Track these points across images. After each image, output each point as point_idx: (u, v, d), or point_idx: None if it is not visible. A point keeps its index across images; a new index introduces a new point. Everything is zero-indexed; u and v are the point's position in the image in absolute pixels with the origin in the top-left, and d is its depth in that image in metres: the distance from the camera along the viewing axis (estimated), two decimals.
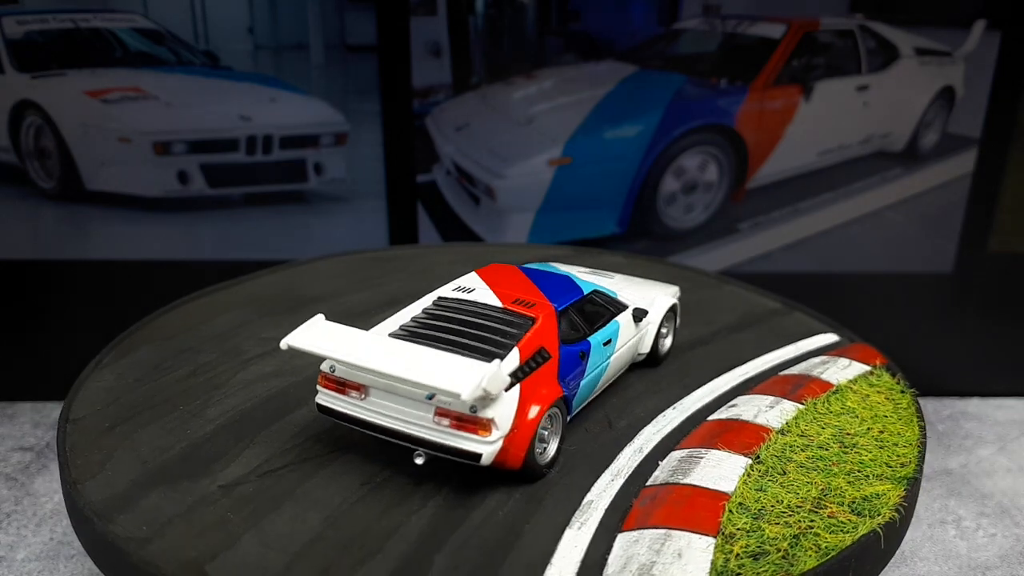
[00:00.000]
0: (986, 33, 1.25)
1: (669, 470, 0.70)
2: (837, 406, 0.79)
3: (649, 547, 0.63)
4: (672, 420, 0.77)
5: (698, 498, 0.67)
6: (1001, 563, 1.07)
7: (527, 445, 0.67)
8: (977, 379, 1.41)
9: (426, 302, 0.77)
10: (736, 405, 0.79)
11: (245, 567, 0.63)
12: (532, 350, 0.69)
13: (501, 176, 1.30)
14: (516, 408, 0.66)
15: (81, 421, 0.78)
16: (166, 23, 1.24)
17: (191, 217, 1.30)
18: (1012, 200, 1.32)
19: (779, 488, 0.68)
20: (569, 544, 0.63)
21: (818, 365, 0.85)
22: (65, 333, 1.33)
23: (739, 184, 1.32)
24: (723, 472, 0.70)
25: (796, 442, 0.74)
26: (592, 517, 0.66)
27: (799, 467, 0.71)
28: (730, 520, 0.65)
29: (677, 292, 0.90)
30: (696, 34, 1.27)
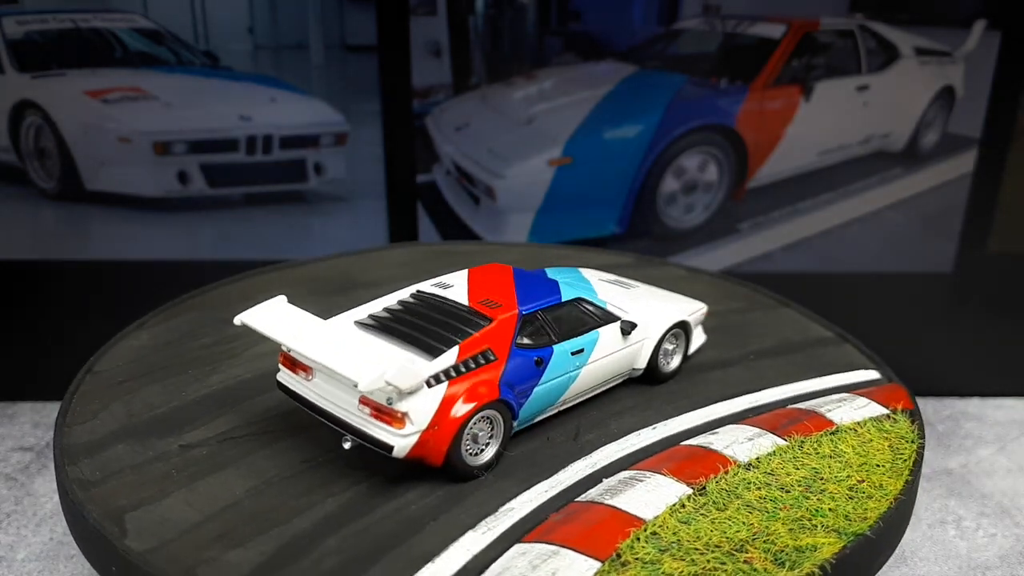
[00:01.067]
0: (986, 33, 1.25)
1: (604, 489, 0.69)
2: (827, 448, 0.75)
3: (531, 562, 0.62)
4: (644, 440, 0.75)
5: (611, 521, 0.65)
6: (1001, 563, 1.07)
7: (448, 443, 0.67)
8: (977, 379, 1.41)
9: (404, 294, 0.79)
10: (717, 433, 0.77)
11: (157, 520, 0.67)
12: (474, 350, 0.70)
13: (501, 176, 1.30)
14: (438, 405, 0.67)
15: (101, 374, 0.85)
16: (166, 23, 1.24)
17: (191, 217, 1.30)
18: (1012, 200, 1.32)
19: (708, 524, 0.65)
20: (462, 546, 0.64)
21: (832, 402, 0.82)
22: (65, 333, 1.33)
23: (739, 184, 1.32)
24: (654, 498, 0.68)
25: (756, 479, 0.71)
26: (502, 524, 0.66)
27: (744, 506, 0.68)
28: (631, 548, 0.63)
29: (696, 310, 0.87)
30: (696, 34, 1.27)
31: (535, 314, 0.75)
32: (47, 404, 1.35)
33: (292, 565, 0.63)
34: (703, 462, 0.72)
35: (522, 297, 0.76)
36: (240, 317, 0.75)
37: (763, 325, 0.98)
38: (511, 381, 0.71)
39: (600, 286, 0.87)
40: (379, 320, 0.75)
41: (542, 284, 0.80)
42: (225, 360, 0.87)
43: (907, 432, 0.79)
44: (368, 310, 0.77)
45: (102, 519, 0.67)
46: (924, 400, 1.40)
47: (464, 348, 0.70)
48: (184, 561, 0.63)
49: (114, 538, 0.65)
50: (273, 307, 0.75)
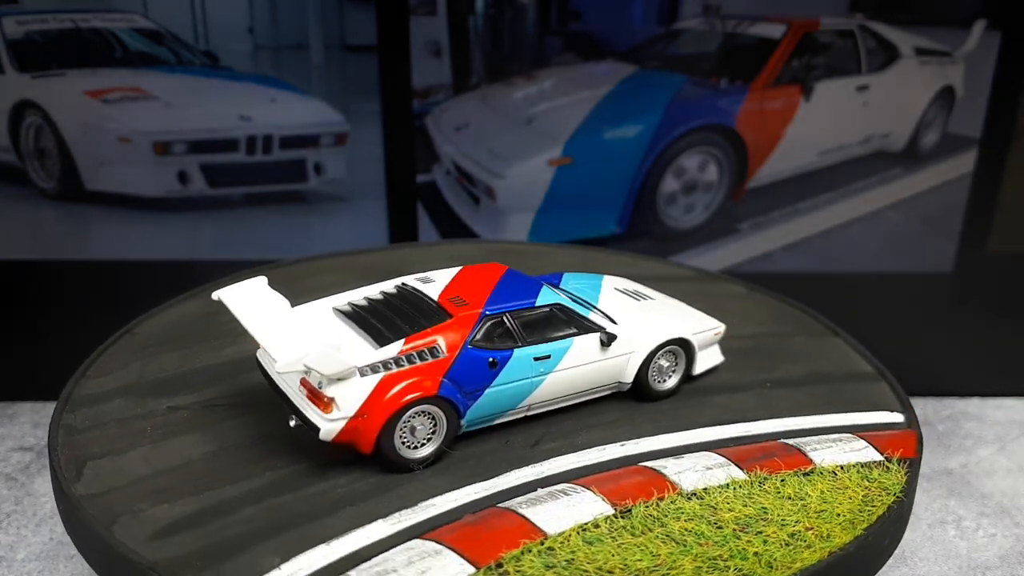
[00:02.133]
0: (986, 33, 1.25)
1: (528, 499, 0.69)
2: (791, 489, 0.71)
3: (410, 558, 0.63)
4: (604, 456, 0.74)
5: (510, 530, 0.65)
6: (1001, 563, 1.07)
7: (378, 433, 0.68)
8: (977, 379, 1.41)
9: (388, 285, 0.80)
10: (681, 458, 0.74)
11: (112, 471, 0.73)
12: (420, 345, 0.70)
13: (501, 176, 1.30)
14: (369, 394, 0.68)
15: (136, 337, 0.91)
16: (166, 23, 1.24)
17: (191, 217, 1.30)
18: (1012, 200, 1.32)
19: (613, 548, 0.64)
20: (363, 534, 0.65)
21: (825, 441, 0.78)
22: (65, 333, 1.33)
23: (739, 184, 1.32)
24: (570, 514, 0.67)
25: (691, 510, 0.68)
26: (414, 518, 0.67)
27: (663, 535, 0.66)
28: (517, 559, 0.62)
29: (706, 329, 0.85)
30: (696, 34, 1.27)
31: (501, 316, 0.74)
32: (47, 404, 1.35)
33: (201, 527, 0.67)
34: (643, 485, 0.70)
35: (495, 298, 0.76)
36: (217, 293, 0.77)
37: (801, 352, 0.93)
38: (458, 379, 0.71)
39: (608, 295, 0.86)
40: (354, 307, 0.77)
41: (524, 287, 0.79)
42: (244, 334, 0.87)
43: (893, 483, 0.74)
44: (349, 297, 0.79)
45: (67, 463, 0.73)
46: (924, 400, 1.40)
47: (409, 341, 0.71)
48: (114, 510, 0.69)
49: (66, 482, 0.71)
50: (251, 287, 0.78)
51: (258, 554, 0.64)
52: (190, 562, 0.64)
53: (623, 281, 0.93)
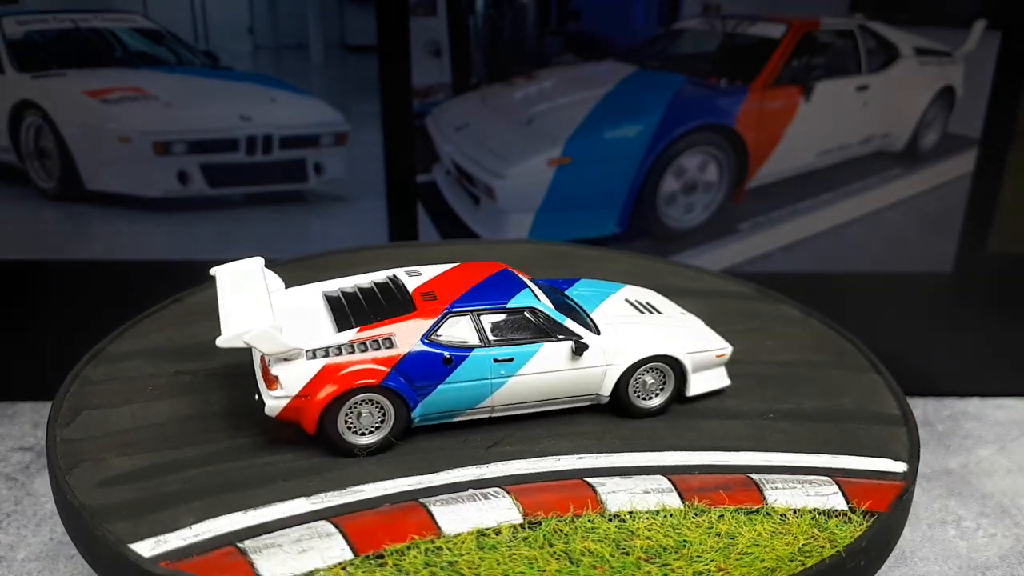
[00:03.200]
0: (986, 33, 1.25)
1: (449, 497, 0.70)
2: (725, 526, 0.68)
3: (302, 536, 0.66)
4: (554, 466, 0.74)
5: (410, 525, 0.66)
6: (1001, 563, 1.07)
7: (319, 414, 0.71)
8: (977, 379, 1.41)
9: (380, 275, 0.82)
10: (628, 478, 0.72)
11: (99, 422, 0.79)
12: (375, 335, 0.72)
13: (501, 176, 1.30)
14: (313, 377, 0.70)
15: (183, 305, 0.96)
16: (166, 23, 1.24)
17: (191, 217, 1.30)
18: (1012, 200, 1.32)
19: (502, 556, 0.64)
20: (281, 508, 0.69)
21: (793, 481, 0.74)
22: (65, 333, 1.33)
23: (739, 184, 1.32)
24: (476, 517, 0.68)
25: (605, 531, 0.67)
26: (333, 500, 0.69)
27: (560, 552, 0.65)
28: (400, 553, 0.64)
29: (706, 349, 0.81)
30: (696, 34, 1.27)
31: (467, 313, 0.74)
32: (47, 404, 1.35)
33: (144, 481, 0.73)
34: (567, 499, 0.69)
35: (468, 296, 0.76)
36: (214, 270, 0.82)
37: (829, 386, 0.88)
38: (408, 372, 0.72)
39: (613, 305, 0.84)
40: (341, 293, 0.80)
41: (504, 288, 0.78)
42: None
43: (844, 536, 0.69)
44: (340, 283, 0.82)
45: (66, 411, 0.80)
46: (924, 400, 1.40)
47: (364, 331, 0.73)
48: (81, 456, 0.75)
49: (55, 426, 0.78)
50: (247, 266, 0.82)
51: (179, 512, 0.69)
52: (117, 510, 0.70)
53: (643, 292, 0.91)
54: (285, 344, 0.70)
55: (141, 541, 0.67)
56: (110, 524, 0.69)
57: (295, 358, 0.71)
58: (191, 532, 0.67)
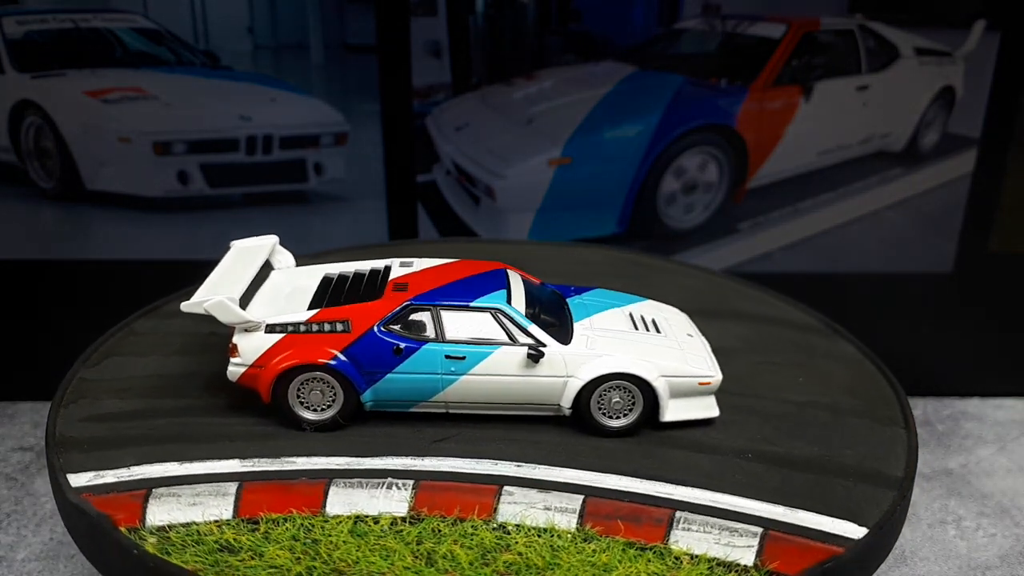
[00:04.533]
0: (986, 33, 1.25)
1: (358, 481, 0.72)
2: (606, 558, 0.65)
3: (203, 493, 0.71)
4: (488, 470, 0.73)
5: (299, 499, 0.70)
6: (1001, 563, 1.07)
7: (270, 385, 0.75)
8: (977, 379, 1.41)
9: (379, 263, 0.85)
10: (545, 492, 0.71)
11: (117, 366, 0.87)
12: (330, 317, 0.75)
13: (501, 176, 1.30)
14: (267, 350, 0.75)
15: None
16: (166, 23, 1.24)
17: (191, 217, 1.30)
18: (1012, 200, 1.32)
19: (365, 544, 0.66)
20: (213, 465, 0.74)
21: (716, 527, 0.69)
22: (65, 333, 1.33)
23: (739, 184, 1.32)
24: (366, 504, 0.69)
25: (481, 539, 0.66)
26: (261, 467, 0.74)
27: (425, 551, 0.65)
28: (276, 524, 0.67)
29: (685, 374, 0.77)
30: (696, 34, 1.27)
31: (428, 308, 0.75)
32: (47, 404, 1.35)
33: (116, 422, 0.79)
34: (462, 501, 0.69)
35: (437, 291, 0.77)
36: (233, 243, 0.88)
37: (839, 435, 0.81)
38: (358, 357, 0.74)
39: (610, 318, 0.82)
40: (337, 276, 0.84)
41: (480, 288, 0.78)
42: None
43: None
44: (343, 268, 0.86)
45: (97, 355, 0.89)
46: (924, 400, 1.40)
47: (322, 313, 0.76)
48: (84, 393, 0.83)
49: (81, 365, 0.88)
50: (259, 242, 0.88)
51: (127, 453, 0.75)
52: (80, 443, 0.77)
53: (658, 309, 0.87)
54: (240, 315, 0.75)
55: (81, 473, 0.73)
56: (67, 454, 0.76)
57: (255, 330, 0.76)
58: (127, 472, 0.73)
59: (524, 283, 0.84)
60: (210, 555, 0.65)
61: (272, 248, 0.88)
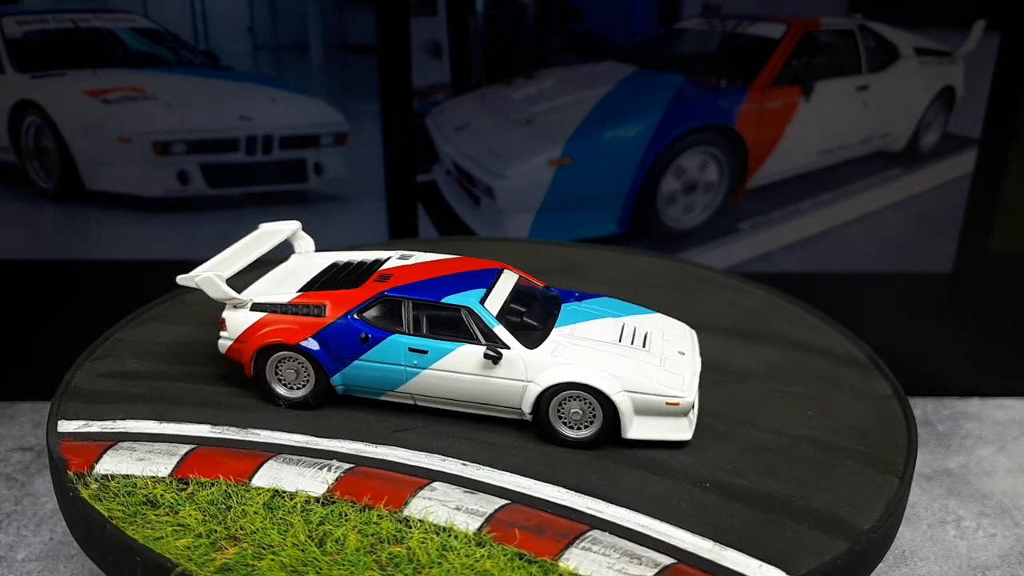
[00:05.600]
0: (986, 33, 1.25)
1: (300, 459, 0.74)
2: (489, 564, 0.64)
3: (158, 452, 0.75)
4: (435, 465, 0.74)
5: (233, 468, 0.73)
6: (1001, 563, 1.07)
7: (250, 359, 0.80)
8: (977, 379, 1.41)
9: (383, 253, 0.89)
10: (473, 493, 0.71)
11: (152, 331, 0.94)
12: (308, 301, 0.79)
13: (501, 176, 1.30)
14: (249, 327, 0.80)
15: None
16: (166, 23, 1.24)
17: (191, 217, 1.30)
18: (1012, 200, 1.32)
19: (270, 517, 0.68)
20: (186, 428, 0.79)
21: (620, 550, 0.66)
22: (65, 333, 1.33)
23: (739, 184, 1.32)
24: (289, 480, 0.72)
25: (379, 529, 0.67)
26: (226, 434, 0.78)
27: (324, 531, 0.67)
28: (203, 486, 0.72)
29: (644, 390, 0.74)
30: (696, 34, 1.27)
31: (401, 300, 0.77)
32: (47, 404, 1.35)
33: (126, 379, 0.86)
34: (378, 490, 0.71)
35: (416, 286, 0.79)
36: (261, 225, 0.93)
37: (821, 475, 0.76)
38: (328, 341, 0.78)
39: (602, 327, 0.80)
40: (344, 263, 0.87)
41: (459, 285, 0.79)
42: None
43: None
44: (350, 256, 0.89)
45: (139, 320, 0.97)
46: (924, 400, 1.40)
47: (302, 296, 0.80)
48: (113, 352, 0.91)
49: (121, 327, 0.96)
50: (281, 226, 0.93)
51: (119, 408, 0.81)
52: (86, 395, 0.83)
53: (661, 323, 0.84)
54: (225, 292, 0.80)
55: (74, 420, 0.80)
56: (68, 403, 0.82)
57: (242, 307, 0.81)
58: (110, 424, 0.79)
59: (517, 285, 0.83)
60: (133, 507, 0.70)
61: (294, 233, 0.93)
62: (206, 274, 0.80)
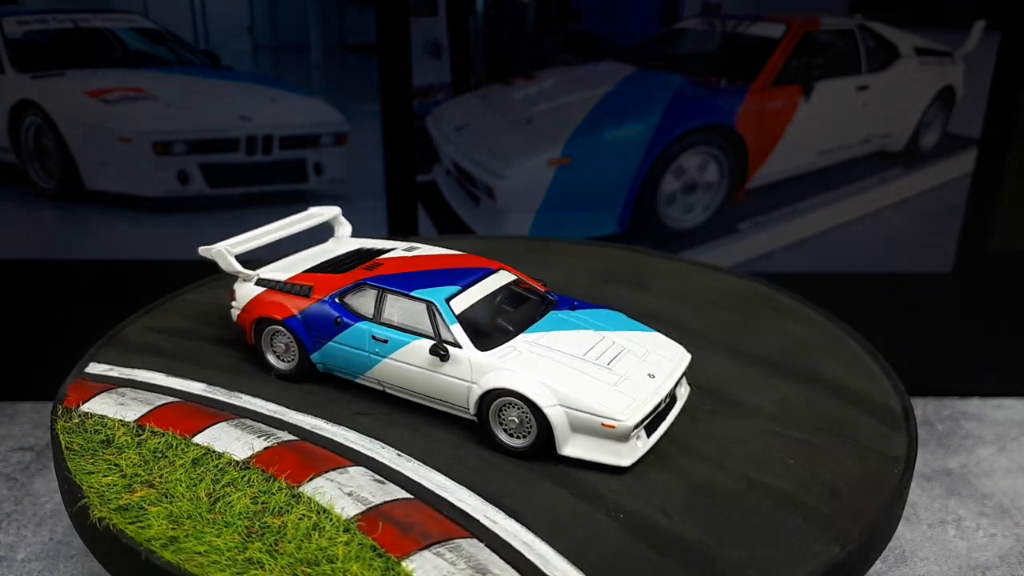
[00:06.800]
0: (986, 33, 1.25)
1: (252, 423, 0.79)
2: (336, 549, 0.64)
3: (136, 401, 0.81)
4: (361, 447, 0.75)
5: (188, 424, 0.78)
6: (1001, 563, 1.07)
7: (250, 329, 0.86)
8: (977, 379, 1.41)
9: (393, 244, 0.93)
10: (381, 484, 0.71)
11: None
12: (300, 281, 0.85)
13: (501, 176, 1.30)
14: (251, 299, 0.86)
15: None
16: (166, 23, 1.24)
17: (191, 217, 1.30)
18: (1012, 200, 1.32)
19: (191, 471, 0.73)
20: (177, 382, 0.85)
21: (467, 566, 0.64)
22: (65, 333, 1.33)
23: (739, 184, 1.32)
24: (224, 443, 0.76)
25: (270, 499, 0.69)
26: (211, 394, 0.83)
27: (222, 490, 0.70)
28: (155, 434, 0.77)
29: (580, 408, 0.71)
30: (696, 34, 1.27)
31: (375, 289, 0.80)
32: (47, 404, 1.35)
33: (163, 336, 0.93)
34: (294, 465, 0.73)
35: (397, 278, 0.81)
36: (310, 208, 0.98)
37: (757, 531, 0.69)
38: (309, 320, 0.83)
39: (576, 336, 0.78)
40: (361, 249, 0.92)
41: (436, 280, 0.81)
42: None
43: None
44: (372, 244, 0.94)
45: (198, 289, 1.03)
46: (924, 400, 1.40)
47: (297, 276, 0.86)
48: (173, 308, 1.00)
49: (183, 290, 1.03)
50: (322, 211, 0.98)
51: (140, 359, 0.89)
52: (127, 344, 0.92)
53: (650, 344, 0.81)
54: (233, 266, 0.87)
55: (102, 364, 0.88)
56: (108, 349, 0.91)
57: (249, 281, 0.87)
58: (127, 372, 0.87)
59: (506, 287, 0.83)
60: (91, 443, 0.76)
61: (335, 217, 0.99)
62: (219, 247, 0.87)
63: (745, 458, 0.77)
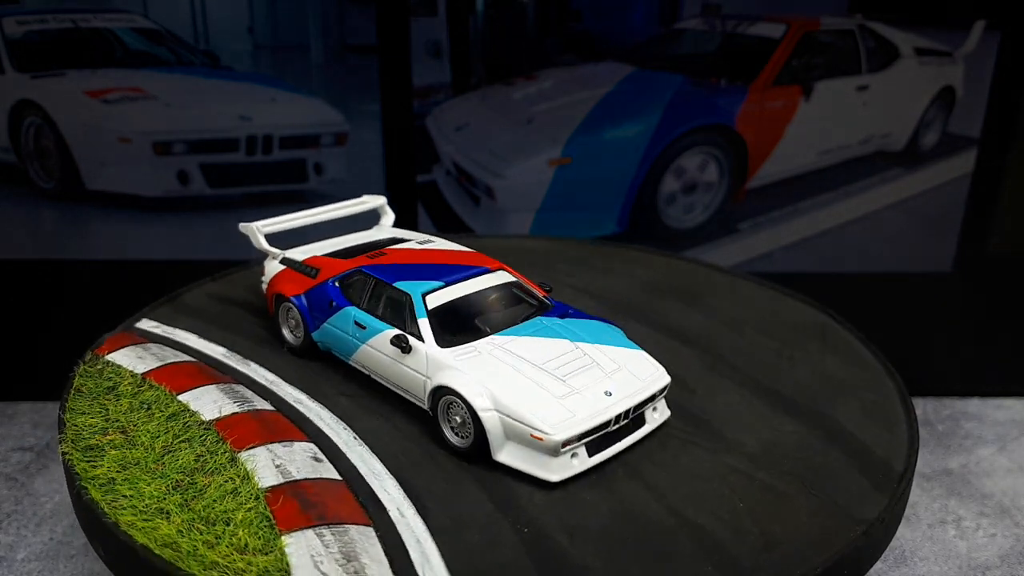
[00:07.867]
0: (986, 33, 1.25)
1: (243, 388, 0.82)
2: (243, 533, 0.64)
3: (164, 355, 0.86)
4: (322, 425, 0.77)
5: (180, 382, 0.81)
6: (1001, 563, 1.07)
7: (270, 301, 0.91)
8: (977, 379, 1.41)
9: (403, 234, 0.97)
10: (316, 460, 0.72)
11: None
12: (311, 263, 0.90)
13: (501, 176, 1.30)
14: (275, 275, 0.92)
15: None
16: (166, 23, 1.24)
17: (191, 217, 1.30)
18: (1012, 200, 1.32)
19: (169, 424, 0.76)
20: (203, 344, 0.90)
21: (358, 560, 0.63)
22: (65, 333, 1.33)
23: (739, 184, 1.32)
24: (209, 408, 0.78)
25: (211, 459, 0.71)
26: (223, 358, 0.87)
27: (178, 446, 0.73)
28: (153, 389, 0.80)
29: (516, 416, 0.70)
30: (696, 34, 1.27)
31: (370, 277, 0.83)
32: (47, 404, 1.35)
33: (217, 302, 0.99)
34: (243, 430, 0.76)
35: (392, 269, 0.84)
36: (364, 197, 1.03)
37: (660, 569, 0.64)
38: (311, 300, 0.87)
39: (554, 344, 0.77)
40: (384, 238, 0.96)
41: (426, 273, 0.82)
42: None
43: None
44: (401, 234, 0.97)
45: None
46: (924, 400, 1.40)
47: (311, 259, 0.91)
48: (236, 280, 1.04)
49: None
50: (368, 199, 1.03)
51: (188, 320, 0.94)
52: (181, 306, 0.98)
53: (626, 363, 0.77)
54: (261, 243, 0.94)
55: (152, 321, 0.94)
56: (161, 309, 0.97)
57: (275, 258, 0.93)
58: (168, 330, 0.92)
59: (499, 287, 0.83)
60: (99, 389, 0.81)
61: (380, 206, 1.03)
62: (250, 225, 0.93)
63: (692, 494, 0.71)
